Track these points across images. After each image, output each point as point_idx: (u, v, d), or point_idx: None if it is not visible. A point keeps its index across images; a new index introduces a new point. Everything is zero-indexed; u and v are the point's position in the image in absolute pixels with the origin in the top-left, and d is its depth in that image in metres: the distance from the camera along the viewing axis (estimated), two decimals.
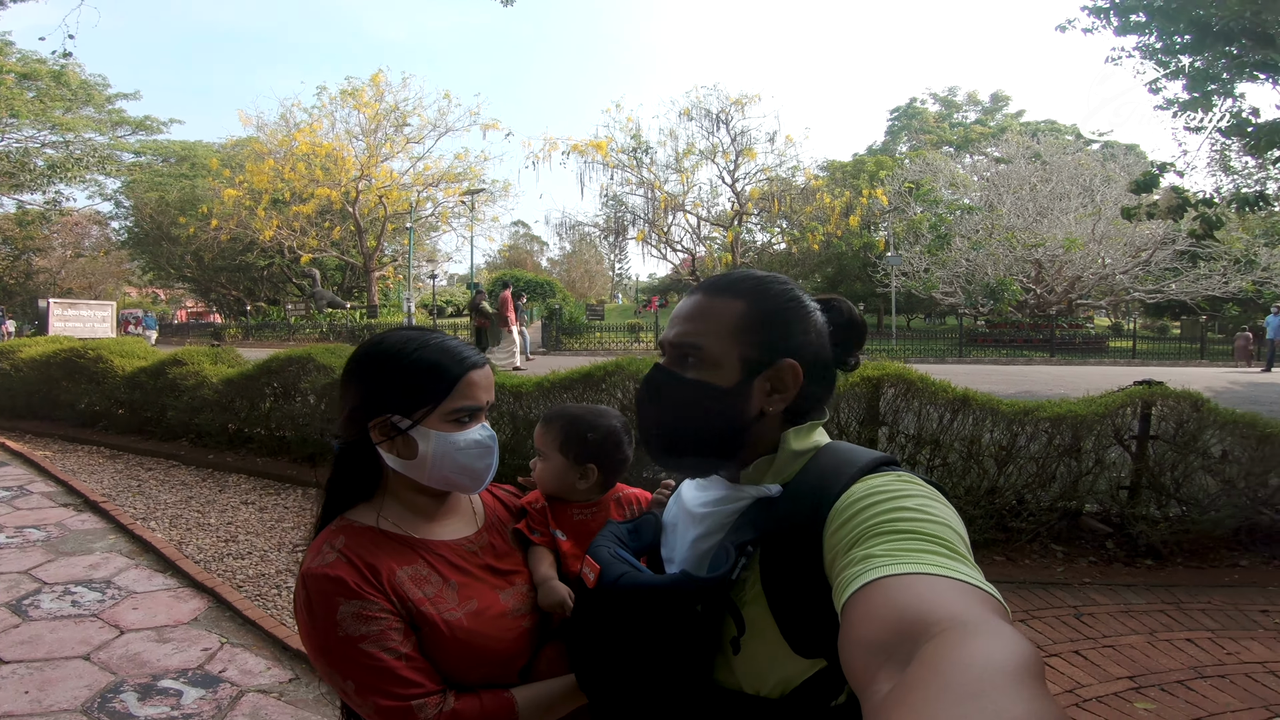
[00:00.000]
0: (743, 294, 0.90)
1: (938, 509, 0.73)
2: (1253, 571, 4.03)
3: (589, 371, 4.91)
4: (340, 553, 1.00)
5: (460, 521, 1.15)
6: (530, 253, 51.89)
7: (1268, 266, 22.05)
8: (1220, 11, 6.75)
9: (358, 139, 28.97)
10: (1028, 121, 40.83)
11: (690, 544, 0.91)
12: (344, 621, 0.95)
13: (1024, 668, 0.46)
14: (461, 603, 1.04)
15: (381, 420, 1.04)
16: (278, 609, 3.66)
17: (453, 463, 1.04)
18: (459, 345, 1.09)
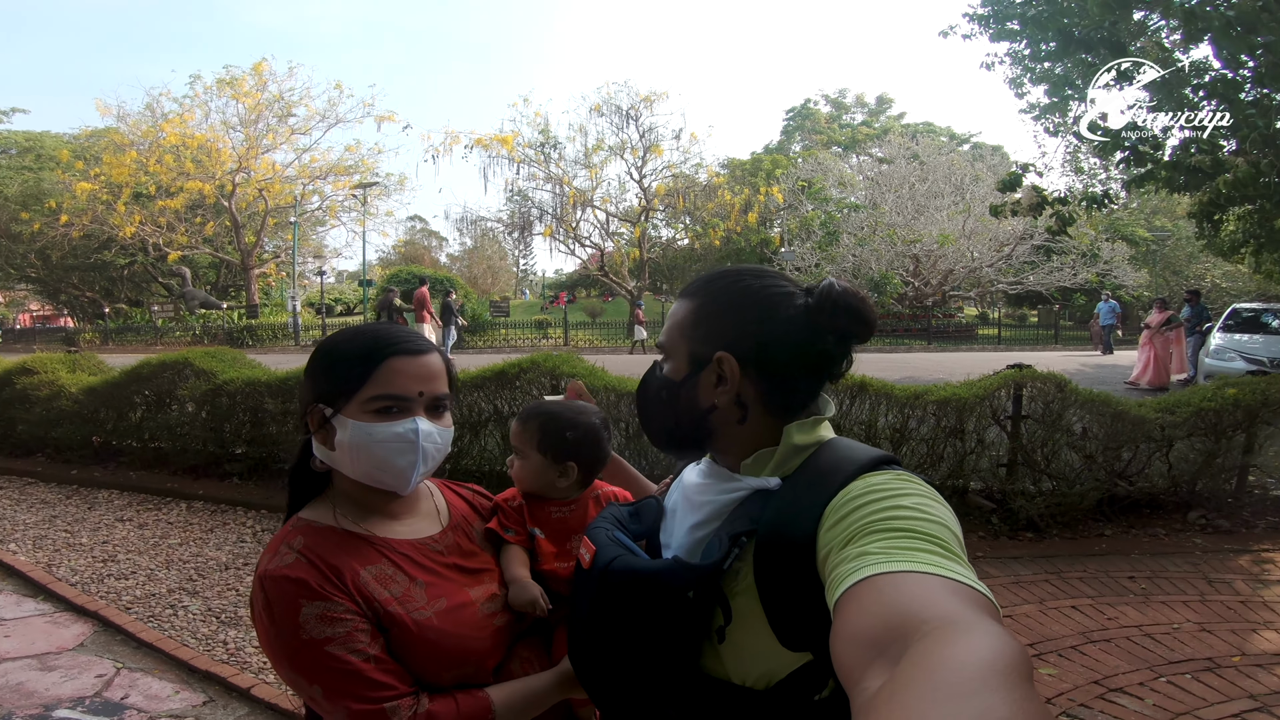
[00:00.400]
0: (693, 293, 0.95)
1: (934, 508, 0.73)
2: (1117, 540, 4.49)
3: (502, 369, 4.82)
4: (300, 553, 0.95)
5: (423, 521, 1.11)
6: (428, 248, 50.00)
7: (1109, 260, 24.80)
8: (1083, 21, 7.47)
9: (235, 130, 26.94)
10: (908, 123, 43.55)
11: (687, 530, 0.92)
12: (308, 624, 0.91)
13: (1013, 668, 0.46)
14: (430, 601, 1.01)
15: (313, 409, 1.01)
16: (176, 629, 3.42)
17: (370, 456, 0.98)
18: (393, 332, 1.03)
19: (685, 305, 0.95)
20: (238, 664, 3.11)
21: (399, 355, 0.99)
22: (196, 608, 3.67)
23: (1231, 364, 9.73)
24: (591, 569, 0.90)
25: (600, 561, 0.89)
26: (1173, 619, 3.45)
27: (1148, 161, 7.78)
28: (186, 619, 3.54)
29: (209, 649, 3.24)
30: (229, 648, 3.25)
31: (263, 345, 22.19)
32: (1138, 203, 29.42)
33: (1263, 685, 2.83)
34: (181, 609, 3.65)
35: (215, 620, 3.53)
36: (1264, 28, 6.05)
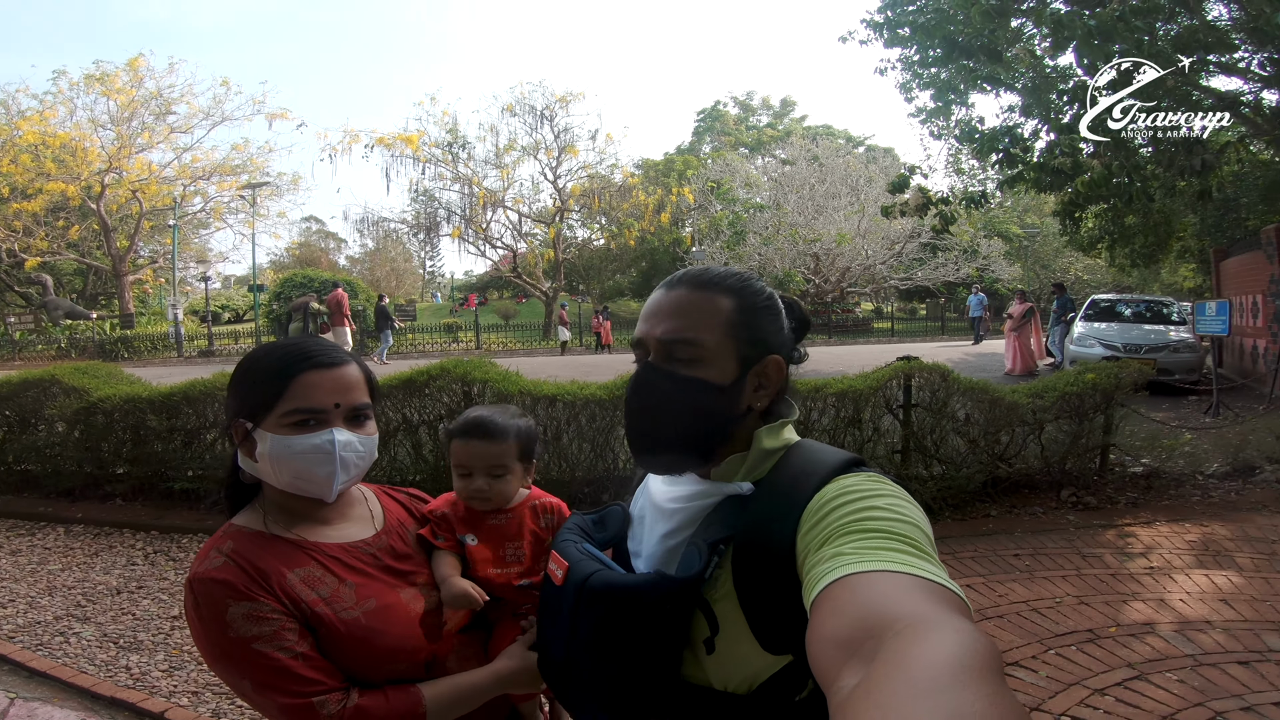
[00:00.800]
0: (731, 290, 0.91)
1: (906, 509, 0.75)
2: (1002, 520, 4.84)
3: (410, 376, 4.68)
4: (228, 557, 0.99)
5: (355, 525, 1.14)
6: (325, 250, 47.51)
7: (987, 255, 26.87)
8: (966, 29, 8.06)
9: (106, 128, 24.59)
10: (809, 126, 45.21)
11: (659, 540, 0.90)
12: (234, 623, 0.94)
13: (984, 664, 0.47)
14: (359, 602, 1.04)
15: (236, 424, 1.05)
16: (69, 656, 3.23)
17: (290, 467, 1.02)
18: (307, 346, 1.06)
19: (722, 301, 0.90)
20: (145, 689, 2.97)
21: (312, 370, 1.03)
22: (90, 634, 3.48)
23: (1091, 350, 10.76)
24: (565, 585, 0.88)
25: (575, 577, 0.86)
26: (1055, 593, 3.72)
27: (1018, 163, 8.52)
28: (80, 645, 3.36)
29: (111, 675, 3.09)
30: (133, 673, 3.10)
31: (141, 358, 20.40)
32: (1011, 201, 32.04)
33: (1138, 654, 3.08)
34: (73, 635, 3.46)
35: (113, 646, 3.35)
36: (1119, 37, 6.74)
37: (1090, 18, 6.81)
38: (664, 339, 0.89)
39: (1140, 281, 25.45)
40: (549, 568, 0.93)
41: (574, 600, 0.85)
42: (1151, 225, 12.13)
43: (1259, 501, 5.24)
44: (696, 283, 0.91)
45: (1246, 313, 11.29)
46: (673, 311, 0.90)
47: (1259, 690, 2.75)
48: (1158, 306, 12.69)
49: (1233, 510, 5.07)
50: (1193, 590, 3.74)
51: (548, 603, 0.94)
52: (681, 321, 0.88)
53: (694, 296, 0.90)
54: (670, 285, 0.93)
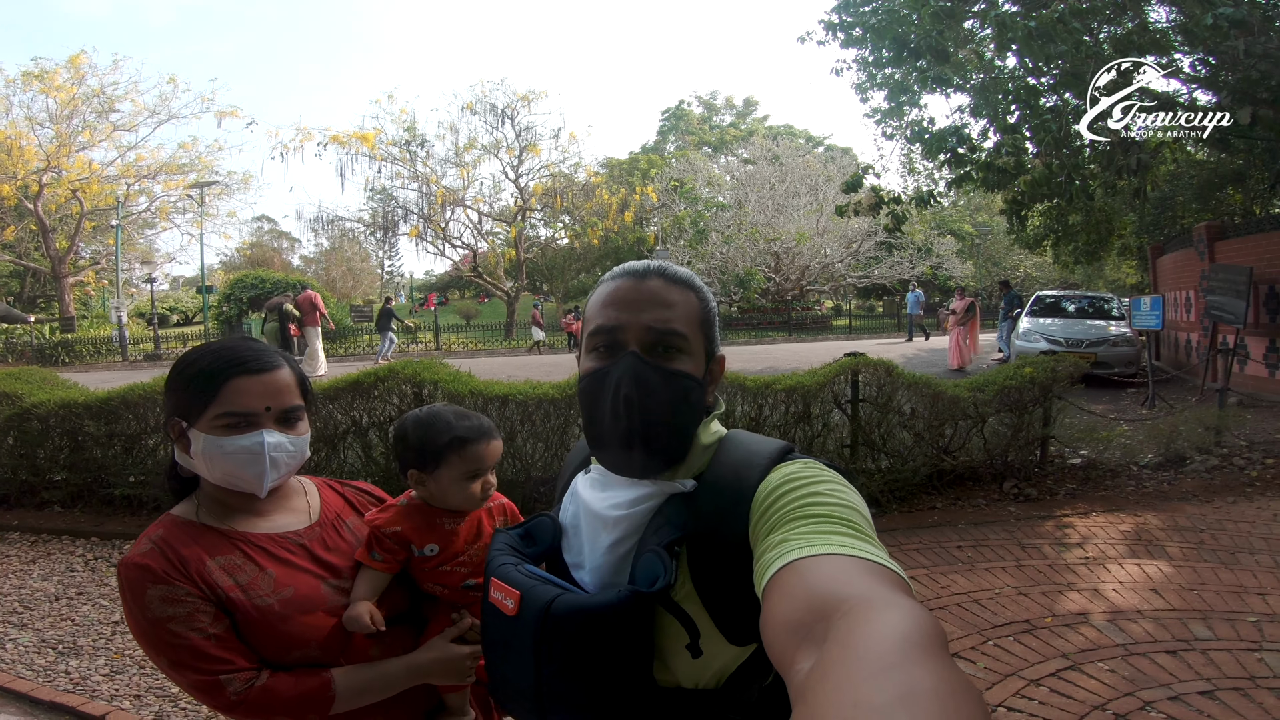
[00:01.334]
0: (694, 287, 0.92)
1: (845, 493, 0.77)
2: (945, 512, 4.93)
3: (358, 379, 4.61)
4: (155, 544, 1.05)
5: (289, 516, 1.19)
6: (278, 250, 46.25)
7: (940, 253, 27.58)
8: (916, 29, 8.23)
9: (44, 126, 23.59)
10: (771, 126, 45.78)
11: (606, 549, 0.88)
12: (152, 604, 1.01)
13: (929, 640, 0.49)
14: (276, 590, 1.09)
15: (172, 423, 1.10)
16: (6, 662, 3.17)
17: (222, 465, 1.07)
18: (239, 352, 1.11)
19: (691, 297, 0.90)
20: (85, 693, 2.92)
21: (242, 375, 1.08)
22: (27, 640, 3.40)
23: (1035, 344, 11.13)
24: (522, 614, 0.83)
25: (534, 604, 0.82)
26: (995, 584, 3.79)
27: (965, 163, 8.75)
28: (17, 652, 3.28)
29: (50, 680, 3.03)
30: (73, 677, 3.05)
31: (83, 362, 19.56)
32: (963, 201, 32.94)
33: (1072, 644, 3.14)
34: (10, 642, 3.37)
35: (52, 651, 3.28)
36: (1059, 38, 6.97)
37: (1031, 19, 7.04)
38: (656, 328, 0.86)
39: (1085, 278, 26.43)
40: (493, 596, 0.88)
41: (537, 629, 0.81)
42: (1093, 223, 12.62)
43: (1189, 491, 5.43)
44: (669, 276, 0.90)
45: (1180, 307, 11.82)
46: (656, 301, 0.87)
47: (1185, 680, 2.83)
48: (1099, 302, 13.19)
49: (1164, 500, 5.24)
50: (1125, 580, 3.83)
51: (498, 632, 0.88)
52: (669, 312, 0.87)
53: (671, 289, 0.89)
54: (640, 275, 0.90)
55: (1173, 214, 14.22)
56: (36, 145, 23.15)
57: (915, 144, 9.46)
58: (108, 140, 24.93)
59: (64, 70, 23.40)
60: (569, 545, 0.95)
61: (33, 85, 23.21)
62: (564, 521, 0.97)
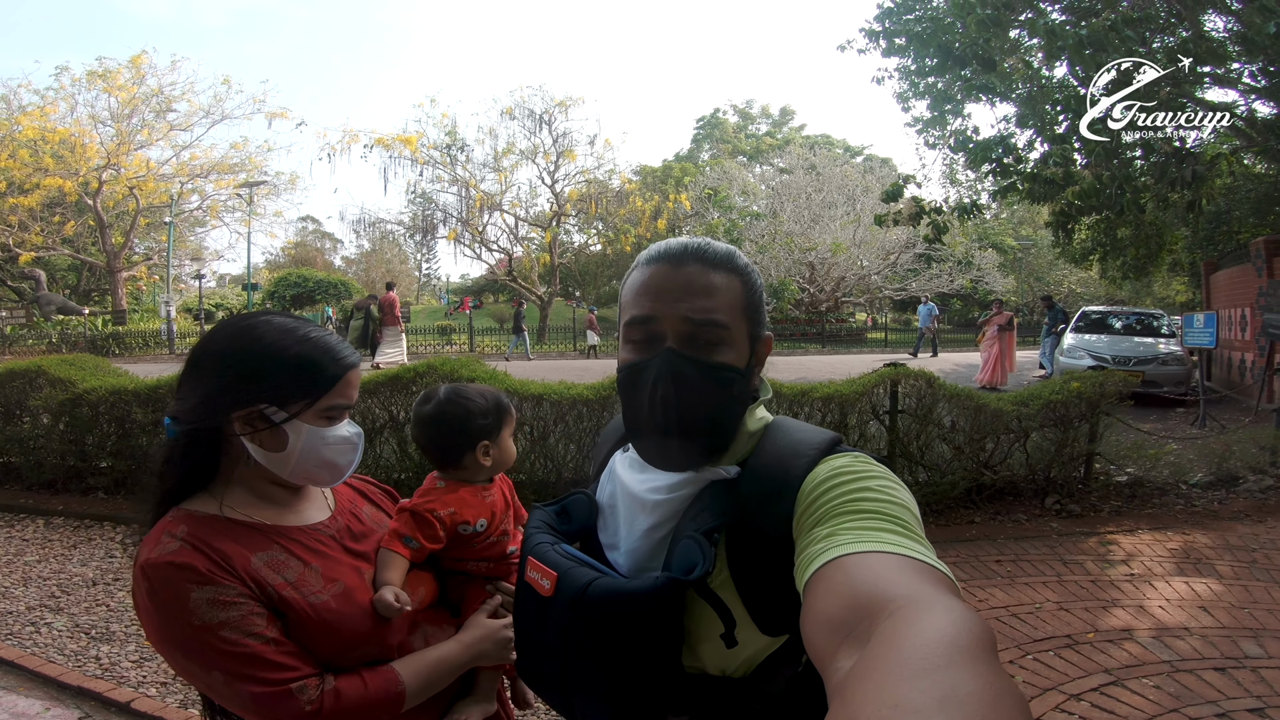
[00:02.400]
0: (738, 270, 0.87)
1: (896, 491, 0.76)
2: (984, 526, 4.85)
3: (397, 374, 4.69)
4: (184, 541, 0.94)
5: (313, 507, 1.13)
6: (321, 250, 47.50)
7: (980, 267, 26.99)
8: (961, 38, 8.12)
9: (106, 125, 24.60)
10: (808, 135, 45.52)
11: (644, 533, 0.87)
12: (199, 609, 0.89)
13: (977, 643, 0.48)
14: (326, 585, 1.02)
15: (250, 411, 0.99)
16: (39, 646, 3.23)
17: (318, 458, 1.03)
18: (338, 342, 1.08)
19: (733, 282, 0.86)
20: (114, 679, 2.97)
21: (353, 368, 1.06)
22: (62, 624, 3.47)
23: (1080, 361, 10.83)
24: (557, 596, 0.81)
25: (570, 587, 0.80)
26: (1035, 599, 3.73)
27: (1011, 173, 8.57)
28: (51, 636, 3.35)
29: (80, 665, 3.08)
30: (102, 663, 3.10)
31: (132, 354, 20.31)
32: (1006, 213, 32.24)
33: (1115, 660, 3.10)
34: (44, 626, 3.45)
35: (85, 636, 3.35)
36: (1112, 47, 6.80)
37: (1082, 27, 6.88)
38: (693, 319, 0.83)
39: (1132, 295, 25.62)
40: (529, 576, 0.86)
41: (571, 611, 0.80)
42: (1143, 237, 12.23)
43: (1241, 511, 5.28)
44: (708, 259, 0.86)
45: (1235, 325, 11.38)
46: (694, 289, 0.84)
47: (1234, 697, 2.76)
48: (1147, 319, 12.79)
49: (1215, 519, 5.10)
50: (1172, 597, 3.75)
51: (532, 613, 0.86)
52: (709, 301, 0.83)
53: (710, 275, 0.85)
54: (676, 261, 0.85)
55: (1228, 229, 13.70)
56: (98, 143, 24.13)
57: (959, 153, 9.29)
58: (164, 139, 25.86)
59: (125, 70, 24.37)
60: (605, 525, 0.93)
61: (96, 84, 24.21)
62: (600, 500, 0.96)
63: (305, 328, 1.06)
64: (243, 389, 0.99)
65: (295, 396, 1.00)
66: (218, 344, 1.03)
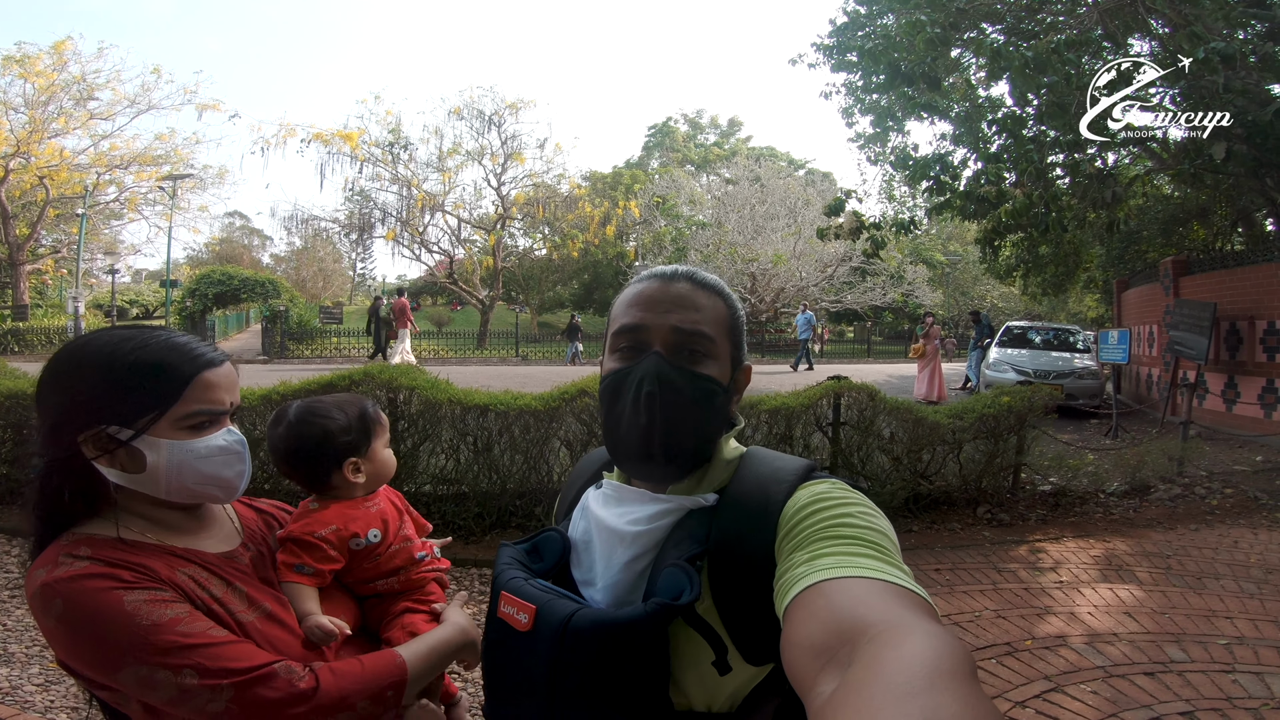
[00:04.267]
0: (722, 294, 0.90)
1: (874, 518, 0.76)
2: (923, 535, 4.99)
3: (330, 381, 4.46)
4: (92, 559, 0.85)
5: (218, 536, 1.03)
6: (248, 247, 45.36)
7: (912, 280, 28.09)
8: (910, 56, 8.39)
9: (18, 111, 22.90)
10: (754, 147, 46.33)
11: (623, 566, 0.84)
12: (139, 610, 0.82)
13: (957, 666, 0.48)
14: (251, 606, 0.96)
15: (94, 433, 0.90)
16: None
17: (195, 473, 0.93)
18: (189, 341, 0.97)
19: (718, 302, 0.89)
20: (16, 704, 2.70)
21: (209, 369, 0.95)
22: None
23: (1005, 375, 11.36)
24: (537, 629, 0.78)
25: (552, 620, 0.77)
26: (974, 607, 3.84)
27: (946, 190, 8.91)
28: None
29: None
30: (1, 688, 2.81)
31: (34, 352, 18.85)
32: (936, 229, 33.67)
33: (1053, 666, 3.19)
34: None
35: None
36: (1051, 69, 7.15)
37: (1027, 49, 7.20)
38: (682, 329, 0.85)
39: (1049, 309, 27.15)
40: (502, 611, 0.82)
41: (554, 645, 0.77)
42: (1062, 255, 12.93)
43: (1154, 518, 5.60)
44: (697, 280, 0.89)
45: (1143, 342, 12.17)
46: (684, 303, 0.86)
47: (1165, 701, 2.88)
48: (1065, 334, 13.53)
49: (1131, 526, 5.39)
50: (1099, 603, 3.91)
51: (508, 650, 0.82)
52: (698, 314, 0.86)
53: (699, 293, 0.88)
54: (668, 279, 0.88)
55: (1137, 248, 14.67)
56: (7, 130, 22.45)
57: (900, 170, 9.62)
58: (83, 128, 24.32)
59: (47, 55, 22.84)
60: (579, 561, 0.91)
61: (12, 69, 22.58)
62: (574, 537, 0.93)
63: (146, 335, 0.95)
64: (81, 411, 0.90)
65: (139, 410, 0.90)
66: (54, 368, 0.93)
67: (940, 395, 12.33)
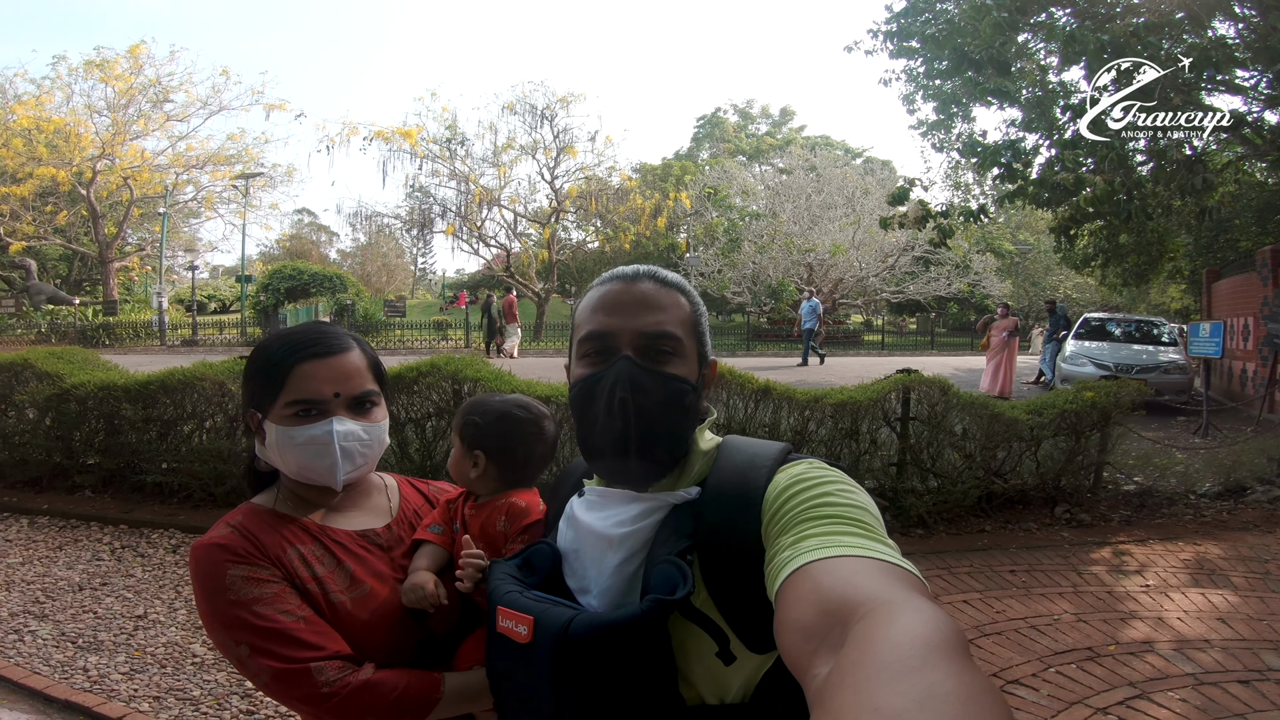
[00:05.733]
0: (684, 291, 0.91)
1: (855, 494, 0.76)
2: (996, 535, 4.80)
3: (399, 372, 4.55)
4: (233, 527, 1.01)
5: (368, 515, 1.14)
6: (316, 243, 47.16)
7: (979, 271, 26.97)
8: (975, 41, 8.06)
9: (101, 115, 24.45)
10: (808, 136, 45.35)
11: (614, 569, 0.84)
12: (234, 585, 0.95)
13: (949, 641, 0.48)
14: (351, 587, 1.03)
15: (249, 414, 1.06)
16: (23, 656, 3.06)
17: (293, 458, 1.02)
18: (310, 333, 1.05)
19: (681, 300, 0.90)
20: (103, 692, 2.81)
21: (308, 360, 1.02)
22: (46, 632, 3.31)
23: (1083, 369, 10.78)
24: (537, 640, 0.78)
25: (550, 628, 0.77)
26: (1052, 610, 3.69)
27: (1018, 178, 8.49)
28: (35, 645, 3.19)
29: (66, 676, 2.93)
30: (90, 675, 2.94)
31: (122, 345, 20.12)
32: (1005, 218, 32.25)
33: (1139, 673, 3.06)
34: (28, 634, 3.29)
35: (70, 645, 3.19)
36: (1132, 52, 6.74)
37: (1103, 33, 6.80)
38: (649, 332, 0.85)
39: (1128, 301, 25.66)
40: (501, 625, 0.82)
41: (555, 653, 0.76)
42: (1145, 244, 12.20)
43: (1250, 521, 5.26)
44: (659, 279, 0.90)
45: (1237, 335, 11.34)
46: (649, 305, 0.87)
47: (1261, 710, 2.74)
48: (1148, 327, 12.77)
49: (1224, 530, 5.08)
50: (1189, 609, 3.74)
51: (511, 664, 0.82)
52: (663, 315, 0.87)
53: (662, 292, 0.88)
54: (630, 279, 0.89)
55: (1229, 237, 13.70)
56: (93, 133, 23.97)
57: (968, 158, 9.21)
58: (160, 130, 25.82)
59: (124, 60, 24.26)
60: (571, 570, 0.90)
61: (94, 74, 24.09)
62: (562, 547, 0.93)
63: (293, 328, 1.07)
64: (243, 394, 1.08)
65: (262, 397, 1.03)
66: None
67: (1004, 390, 11.73)
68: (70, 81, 24.24)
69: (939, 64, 9.50)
